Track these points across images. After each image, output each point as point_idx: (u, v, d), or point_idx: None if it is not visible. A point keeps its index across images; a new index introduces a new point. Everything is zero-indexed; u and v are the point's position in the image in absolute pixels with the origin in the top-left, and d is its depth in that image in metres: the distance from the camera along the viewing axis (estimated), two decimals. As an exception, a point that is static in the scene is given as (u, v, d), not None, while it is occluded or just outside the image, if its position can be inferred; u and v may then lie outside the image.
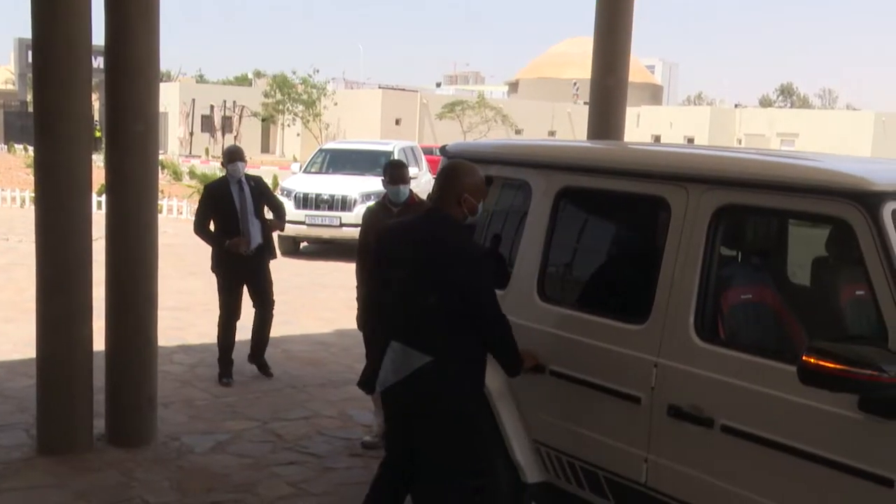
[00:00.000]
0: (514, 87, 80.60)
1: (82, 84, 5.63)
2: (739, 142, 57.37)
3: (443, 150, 5.17)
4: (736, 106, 71.01)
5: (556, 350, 4.20)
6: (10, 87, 60.36)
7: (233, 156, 7.52)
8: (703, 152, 4.41)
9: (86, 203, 5.75)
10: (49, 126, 5.58)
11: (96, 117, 23.90)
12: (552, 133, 56.56)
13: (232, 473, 5.60)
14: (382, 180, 6.12)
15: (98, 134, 24.98)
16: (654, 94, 77.64)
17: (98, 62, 6.33)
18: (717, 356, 3.60)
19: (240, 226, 7.38)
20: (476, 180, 3.99)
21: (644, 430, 3.81)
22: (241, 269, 7.51)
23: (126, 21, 5.72)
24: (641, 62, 75.99)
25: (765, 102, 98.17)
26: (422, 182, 17.60)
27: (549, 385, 4.21)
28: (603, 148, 5.21)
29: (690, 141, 52.81)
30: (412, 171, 18.30)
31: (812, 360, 3.00)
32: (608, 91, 8.68)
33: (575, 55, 71.91)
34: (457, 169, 4.06)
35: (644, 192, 4.00)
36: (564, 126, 58.74)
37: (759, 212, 3.83)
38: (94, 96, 6.33)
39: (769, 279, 4.04)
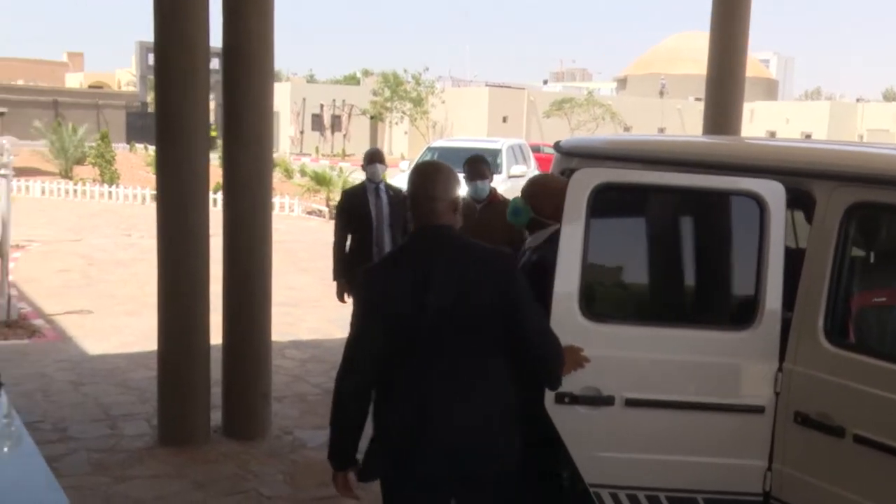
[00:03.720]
0: (622, 83, 79.49)
1: (200, 85, 5.77)
2: (861, 137, 55.19)
3: (556, 146, 5.08)
4: (858, 100, 68.31)
5: (626, 376, 3.69)
6: (131, 88, 62.68)
7: (372, 157, 7.01)
8: (832, 147, 4.22)
9: (203, 200, 5.89)
10: (169, 126, 5.75)
11: (212, 118, 24.57)
12: (661, 130, 55.53)
13: (344, 468, 5.63)
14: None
15: (213, 133, 25.69)
16: (769, 90, 75.42)
17: (214, 63, 6.46)
18: (847, 362, 3.43)
19: (373, 235, 6.78)
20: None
21: (767, 440, 3.66)
22: None
23: (243, 23, 5.83)
24: (756, 56, 73.88)
25: (889, 96, 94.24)
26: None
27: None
28: (725, 143, 5.04)
29: (808, 137, 51.11)
30: (520, 168, 18.33)
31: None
32: (724, 86, 8.45)
33: (685, 50, 70.52)
34: (447, 171, 3.17)
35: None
36: (674, 122, 57.62)
37: (893, 210, 3.63)
38: (210, 96, 6.36)
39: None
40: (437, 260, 3.02)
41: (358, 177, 22.03)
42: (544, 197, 4.03)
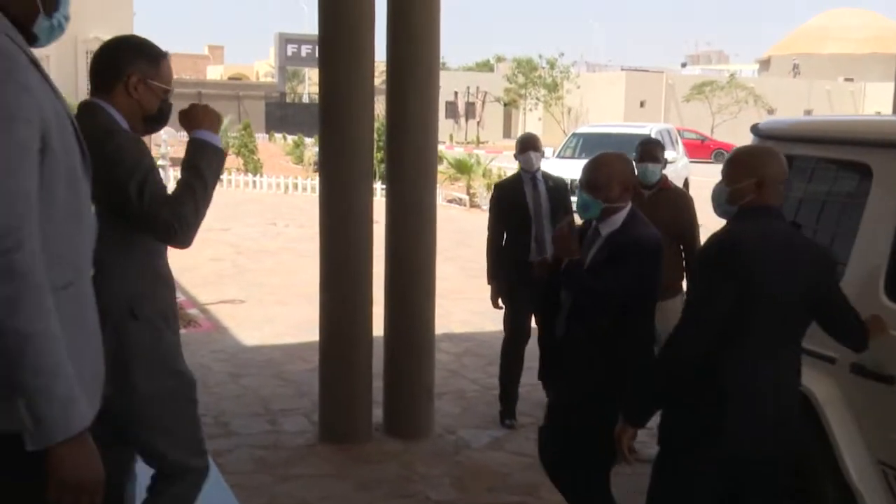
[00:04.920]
0: (765, 64, 76.57)
1: (364, 71, 5.54)
2: None
3: (754, 129, 4.66)
4: None
5: None
6: (269, 79, 64.24)
7: (525, 144, 6.22)
8: None
9: (366, 188, 5.68)
10: (332, 112, 5.54)
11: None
12: (808, 112, 53.14)
13: (512, 473, 5.35)
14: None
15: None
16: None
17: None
18: None
19: (531, 231, 6.06)
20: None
21: None
22: (530, 281, 5.75)
23: (407, 7, 5.60)
24: (909, 33, 69.73)
25: None
26: (678, 167, 16.87)
27: None
28: None
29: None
30: (669, 154, 17.60)
31: None
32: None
33: (832, 29, 67.36)
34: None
35: None
36: (822, 105, 55.07)
37: None
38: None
39: None
40: (793, 241, 3.11)
41: (496, 165, 21.78)
42: (612, 182, 3.75)
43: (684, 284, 5.48)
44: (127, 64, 2.92)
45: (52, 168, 1.97)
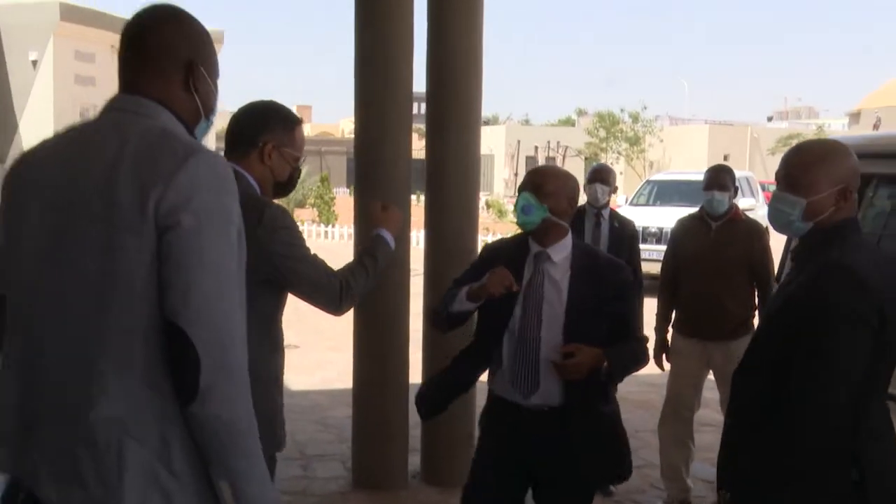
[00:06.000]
0: (854, 117, 74.65)
1: (402, 129, 5.41)
2: None
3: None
4: None
5: None
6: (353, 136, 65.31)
7: (594, 174, 5.84)
8: None
9: (403, 238, 5.46)
10: (366, 160, 5.44)
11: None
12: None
13: (554, 527, 4.93)
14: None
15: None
16: None
17: (420, 108, 6.04)
18: None
19: None
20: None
21: None
22: None
23: (449, 68, 5.45)
24: None
25: None
26: (758, 215, 16.22)
27: None
28: None
29: None
30: (748, 201, 16.97)
31: None
32: None
33: (925, 80, 65.40)
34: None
35: None
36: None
37: None
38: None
39: None
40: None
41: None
42: (562, 193, 3.33)
43: (755, 322, 5.08)
44: (263, 132, 2.89)
45: (238, 257, 2.05)
